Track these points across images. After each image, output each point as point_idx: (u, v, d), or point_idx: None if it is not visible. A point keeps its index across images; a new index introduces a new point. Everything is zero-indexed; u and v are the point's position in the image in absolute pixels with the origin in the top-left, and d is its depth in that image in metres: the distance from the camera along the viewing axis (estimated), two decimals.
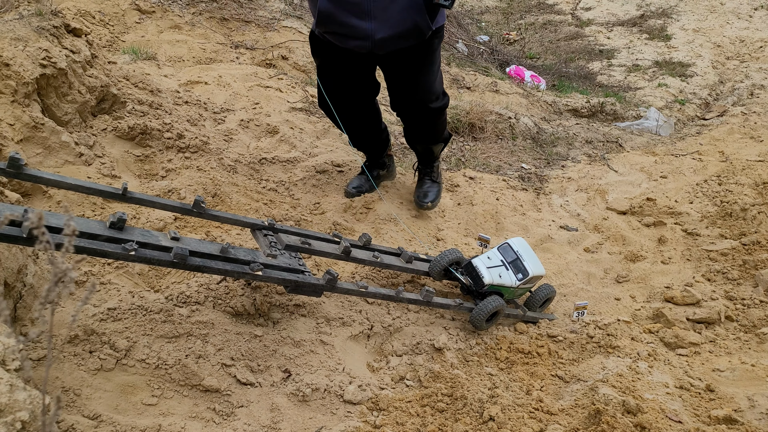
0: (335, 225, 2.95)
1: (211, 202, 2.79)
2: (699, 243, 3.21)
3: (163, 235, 1.81)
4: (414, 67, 2.71)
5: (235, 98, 3.98)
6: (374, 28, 2.47)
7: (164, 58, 4.56)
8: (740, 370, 2.30)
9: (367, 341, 2.35)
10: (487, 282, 2.43)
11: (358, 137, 3.16)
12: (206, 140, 3.22)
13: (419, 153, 3.25)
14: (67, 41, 2.85)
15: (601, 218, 3.53)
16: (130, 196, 1.88)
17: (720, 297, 2.74)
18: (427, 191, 3.22)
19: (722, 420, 2.00)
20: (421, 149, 3.20)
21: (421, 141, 3.14)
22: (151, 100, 3.24)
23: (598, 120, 5.33)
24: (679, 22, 7.75)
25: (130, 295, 2.11)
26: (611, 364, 2.30)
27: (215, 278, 2.25)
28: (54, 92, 2.70)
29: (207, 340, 2.04)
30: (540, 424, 1.96)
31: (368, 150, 3.26)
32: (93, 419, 1.71)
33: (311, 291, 2.05)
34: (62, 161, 2.61)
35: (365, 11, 2.43)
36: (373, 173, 3.27)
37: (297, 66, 5.13)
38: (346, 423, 1.93)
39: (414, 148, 3.24)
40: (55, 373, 1.78)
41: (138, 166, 2.93)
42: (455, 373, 2.20)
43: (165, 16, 5.13)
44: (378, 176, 3.33)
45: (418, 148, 3.21)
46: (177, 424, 1.79)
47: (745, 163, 4.01)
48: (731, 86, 6.05)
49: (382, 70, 2.86)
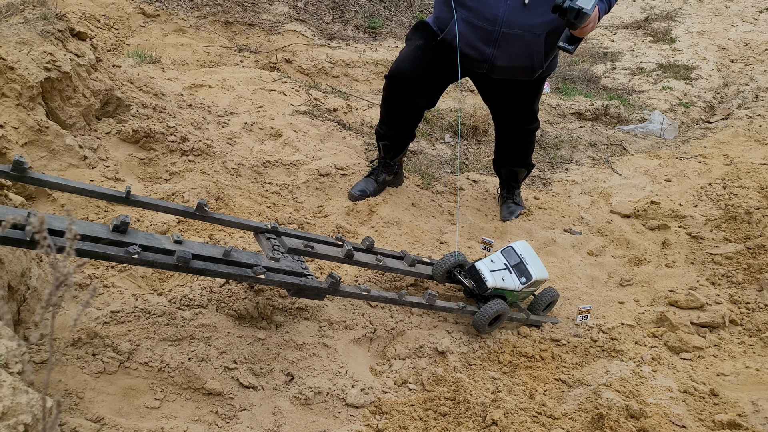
0: (338, 228, 2.95)
1: (215, 206, 2.79)
2: (703, 246, 3.20)
3: (166, 238, 1.81)
4: (521, 96, 3.05)
5: (238, 101, 3.99)
6: (496, 54, 2.76)
7: (168, 62, 4.58)
8: (745, 375, 2.29)
9: (370, 345, 2.35)
10: (490, 285, 2.42)
11: (393, 128, 3.23)
12: (210, 143, 3.22)
13: (504, 179, 3.48)
14: (71, 45, 2.87)
15: (605, 221, 3.52)
16: (134, 199, 1.88)
17: (724, 301, 2.73)
18: (513, 210, 3.44)
19: (726, 425, 1.99)
20: (506, 174, 3.45)
21: (509, 162, 3.38)
22: (155, 104, 3.25)
23: (602, 123, 5.32)
24: (683, 25, 7.73)
25: (134, 298, 2.11)
26: (615, 368, 2.29)
27: (218, 281, 2.25)
28: (58, 96, 2.71)
29: (210, 344, 2.04)
30: (543, 428, 1.96)
31: (391, 146, 3.30)
32: (96, 422, 1.71)
33: (314, 294, 2.05)
34: (66, 164, 2.62)
35: (493, 39, 2.72)
36: (379, 178, 3.35)
37: (301, 69, 5.14)
38: (349, 426, 1.93)
39: (499, 172, 3.48)
40: (57, 376, 1.78)
41: (142, 169, 2.94)
42: (458, 376, 2.19)
43: (169, 20, 5.15)
44: (384, 181, 3.38)
45: (503, 172, 3.45)
46: (179, 428, 1.79)
47: (750, 166, 3.99)
48: (736, 89, 6.03)
49: (488, 90, 3.14)
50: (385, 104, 3.18)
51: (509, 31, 2.67)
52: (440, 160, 4.05)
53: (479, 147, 4.44)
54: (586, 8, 2.37)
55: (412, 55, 2.96)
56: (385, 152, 3.34)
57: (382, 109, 3.22)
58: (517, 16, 2.65)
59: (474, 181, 3.83)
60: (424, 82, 3.00)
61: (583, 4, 2.38)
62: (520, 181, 3.49)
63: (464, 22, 2.73)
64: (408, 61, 2.96)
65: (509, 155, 3.37)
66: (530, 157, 3.43)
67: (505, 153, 3.38)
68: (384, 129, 3.25)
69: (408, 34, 3.07)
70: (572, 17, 2.38)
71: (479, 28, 2.71)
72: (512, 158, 3.37)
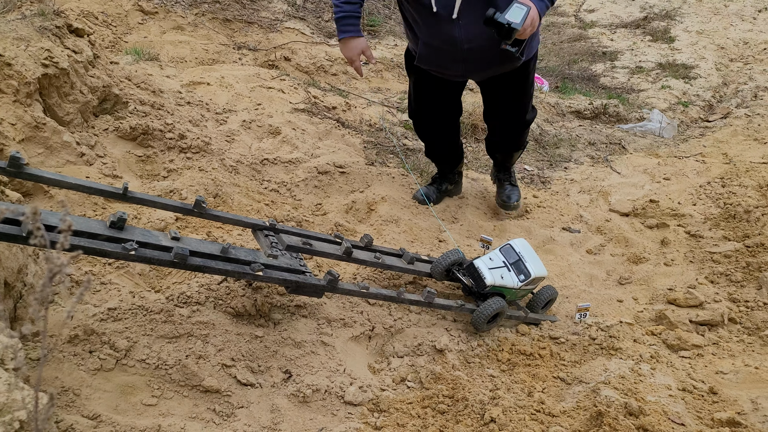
0: (337, 226, 2.95)
1: (213, 203, 2.78)
2: (702, 245, 3.19)
3: (164, 235, 1.81)
4: (511, 89, 2.97)
5: (237, 99, 3.98)
6: (468, 68, 2.79)
7: (167, 59, 4.56)
8: (744, 373, 2.29)
9: (369, 342, 2.34)
10: (488, 283, 2.42)
11: (434, 149, 3.39)
12: (208, 141, 3.21)
13: (498, 161, 3.45)
14: (69, 41, 2.85)
15: (603, 220, 3.52)
16: (131, 195, 1.87)
17: (723, 299, 2.72)
18: (509, 194, 3.42)
19: (725, 423, 1.99)
20: (501, 157, 3.41)
21: (504, 150, 3.36)
22: (153, 101, 3.24)
23: (601, 122, 5.32)
24: (682, 24, 7.73)
25: (131, 295, 2.10)
26: (613, 366, 2.29)
27: (216, 279, 2.24)
28: (56, 92, 2.70)
29: (207, 341, 2.03)
30: (541, 426, 1.95)
31: (442, 162, 3.43)
32: (92, 419, 1.71)
33: (312, 292, 2.05)
34: (64, 161, 2.61)
35: (461, 58, 2.72)
36: (441, 186, 3.44)
37: (299, 67, 5.13)
38: (347, 424, 1.92)
39: (494, 156, 3.46)
40: (54, 373, 1.77)
41: (140, 167, 2.93)
42: (456, 374, 2.19)
43: (168, 17, 5.14)
44: (446, 190, 3.47)
45: (498, 156, 3.42)
46: (177, 425, 1.78)
47: (749, 165, 3.99)
48: (735, 88, 6.03)
49: (480, 89, 3.13)
50: (422, 137, 3.36)
51: (472, 45, 2.66)
52: None
53: (478, 145, 4.43)
54: (514, 22, 2.28)
55: (415, 92, 3.12)
56: (440, 167, 3.45)
57: (422, 140, 3.39)
58: (472, 30, 2.60)
59: (472, 179, 3.83)
60: (438, 105, 3.11)
61: (512, 18, 2.29)
62: (515, 159, 3.46)
63: (427, 47, 2.77)
64: (415, 98, 3.14)
65: (507, 145, 3.32)
66: (526, 137, 3.37)
67: (502, 144, 3.33)
68: (431, 152, 3.41)
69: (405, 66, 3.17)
70: (501, 33, 2.33)
71: (443, 50, 2.73)
72: (510, 146, 3.34)
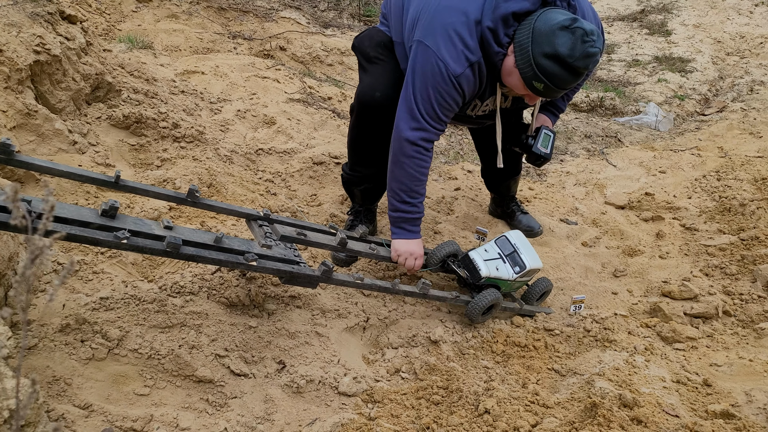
0: (332, 217, 2.93)
1: (207, 193, 2.76)
2: (697, 238, 3.19)
3: (156, 224, 1.78)
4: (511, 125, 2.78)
5: (231, 88, 3.94)
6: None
7: (161, 48, 4.52)
8: (738, 365, 2.29)
9: (363, 333, 2.34)
10: (484, 275, 2.41)
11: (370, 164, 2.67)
12: (202, 130, 3.19)
13: (502, 194, 3.26)
14: (61, 28, 2.81)
15: (599, 212, 3.51)
16: (123, 184, 1.85)
17: (718, 292, 2.73)
18: (529, 222, 3.24)
19: (719, 414, 1.99)
20: (504, 189, 3.23)
21: (506, 178, 3.15)
22: (147, 89, 3.21)
23: (597, 115, 5.31)
24: (679, 18, 7.71)
25: (123, 284, 2.09)
26: (608, 357, 2.29)
27: (210, 268, 2.22)
28: (48, 79, 2.66)
29: (201, 331, 2.01)
30: (536, 417, 1.95)
31: (373, 180, 2.72)
32: (84, 409, 1.69)
33: (306, 282, 2.03)
34: (56, 149, 2.58)
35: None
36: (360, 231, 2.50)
37: (295, 57, 5.09)
38: (341, 415, 1.92)
39: (497, 191, 3.26)
40: (45, 362, 1.76)
41: (133, 155, 2.90)
42: (451, 365, 2.18)
43: (162, 5, 5.09)
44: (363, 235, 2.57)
45: (501, 189, 3.23)
46: (169, 415, 1.77)
47: (744, 158, 3.99)
48: (731, 82, 6.02)
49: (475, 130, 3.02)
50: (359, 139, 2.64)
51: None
52: (434, 150, 4.02)
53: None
54: (545, 152, 2.63)
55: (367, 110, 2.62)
56: (363, 198, 2.77)
57: (354, 148, 2.68)
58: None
59: (468, 171, 3.81)
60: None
61: (542, 148, 2.62)
62: (516, 188, 3.25)
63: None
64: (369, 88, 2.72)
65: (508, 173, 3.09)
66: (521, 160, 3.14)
67: (503, 174, 3.10)
68: (360, 170, 2.70)
69: None
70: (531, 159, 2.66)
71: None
72: (510, 173, 3.11)
